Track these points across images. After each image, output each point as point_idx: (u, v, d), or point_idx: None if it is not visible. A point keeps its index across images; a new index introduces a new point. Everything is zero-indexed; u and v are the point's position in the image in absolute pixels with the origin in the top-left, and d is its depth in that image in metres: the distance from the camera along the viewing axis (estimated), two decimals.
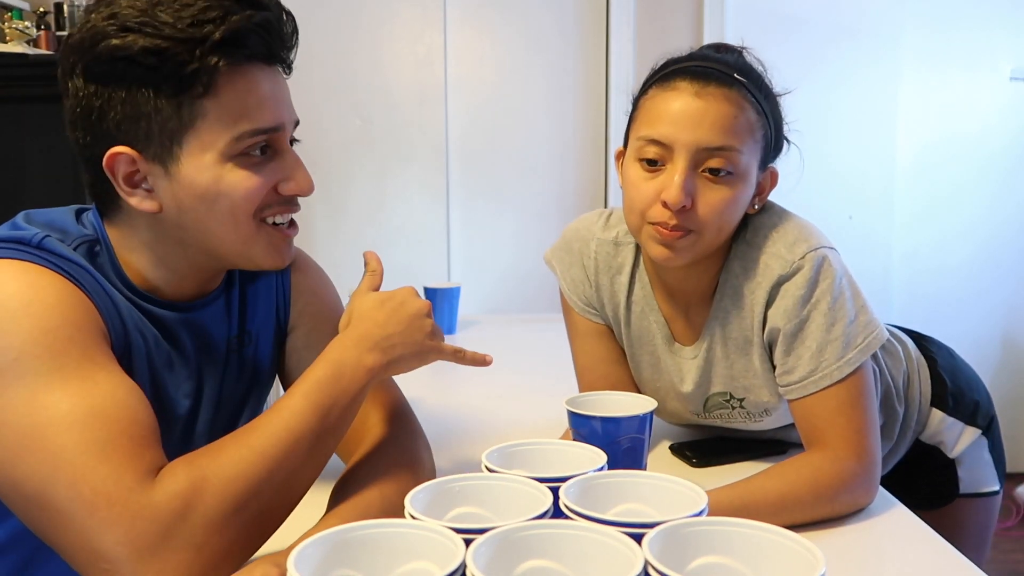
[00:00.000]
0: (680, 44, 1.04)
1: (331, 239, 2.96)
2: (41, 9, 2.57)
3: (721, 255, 1.00)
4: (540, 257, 1.19)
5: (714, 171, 0.88)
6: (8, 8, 2.48)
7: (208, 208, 0.76)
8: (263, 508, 0.67)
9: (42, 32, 2.50)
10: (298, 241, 0.87)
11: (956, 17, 3.04)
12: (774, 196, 1.02)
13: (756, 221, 0.98)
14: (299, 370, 0.95)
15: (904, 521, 0.88)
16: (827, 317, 0.91)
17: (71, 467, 0.61)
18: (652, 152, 0.90)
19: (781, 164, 1.00)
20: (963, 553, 0.79)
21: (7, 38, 2.36)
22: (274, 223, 0.80)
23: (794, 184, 1.08)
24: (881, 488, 0.93)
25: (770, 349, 0.98)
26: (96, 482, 0.60)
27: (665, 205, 0.89)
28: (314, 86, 2.89)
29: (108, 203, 0.78)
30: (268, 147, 0.77)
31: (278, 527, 0.71)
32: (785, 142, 0.99)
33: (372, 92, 2.94)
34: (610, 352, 1.13)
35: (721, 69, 0.91)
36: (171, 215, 0.76)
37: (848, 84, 2.97)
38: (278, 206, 0.80)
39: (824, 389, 0.91)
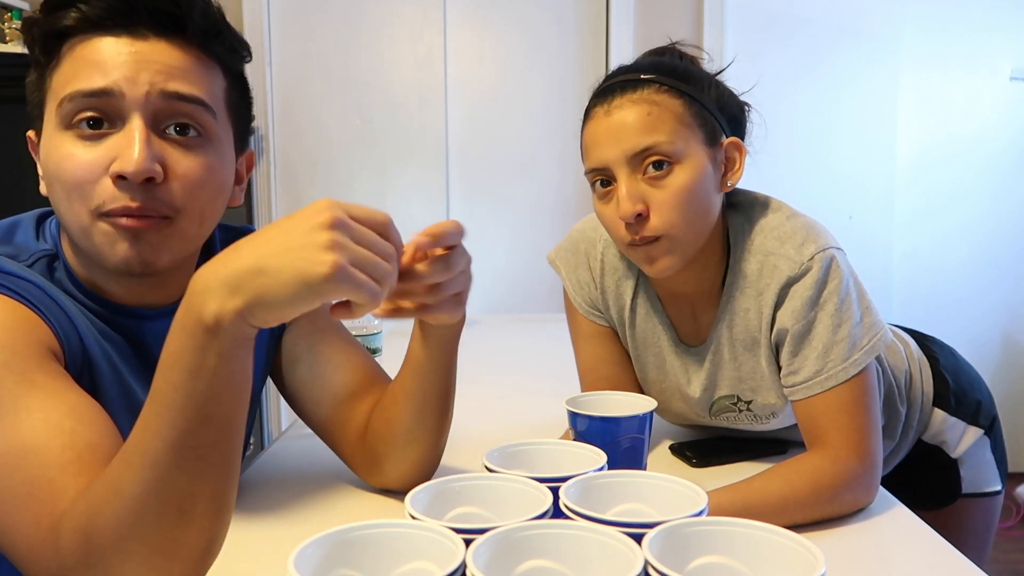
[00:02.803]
0: None
1: None
2: None
3: (720, 253, 0.99)
4: (540, 257, 1.19)
5: (656, 166, 0.90)
6: (8, 8, 2.48)
7: (52, 191, 0.72)
8: (157, 543, 0.56)
9: None
10: None
11: (956, 18, 3.04)
12: (774, 194, 1.02)
13: (764, 222, 0.98)
14: (293, 373, 0.95)
15: (904, 521, 0.88)
16: (834, 318, 0.91)
17: (3, 514, 0.60)
18: (599, 180, 0.95)
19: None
20: (965, 552, 0.79)
21: (7, 38, 2.36)
22: (109, 213, 0.70)
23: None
24: (881, 488, 0.93)
25: (776, 350, 0.98)
26: (23, 530, 0.59)
27: (625, 221, 0.92)
28: (314, 86, 2.89)
29: None
30: (105, 121, 0.69)
31: (211, 541, 0.59)
32: (748, 111, 0.99)
33: (372, 92, 2.94)
34: (613, 354, 1.13)
35: (625, 78, 0.94)
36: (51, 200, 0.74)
37: (848, 84, 2.96)
38: (110, 192, 0.69)
39: (828, 390, 0.91)
